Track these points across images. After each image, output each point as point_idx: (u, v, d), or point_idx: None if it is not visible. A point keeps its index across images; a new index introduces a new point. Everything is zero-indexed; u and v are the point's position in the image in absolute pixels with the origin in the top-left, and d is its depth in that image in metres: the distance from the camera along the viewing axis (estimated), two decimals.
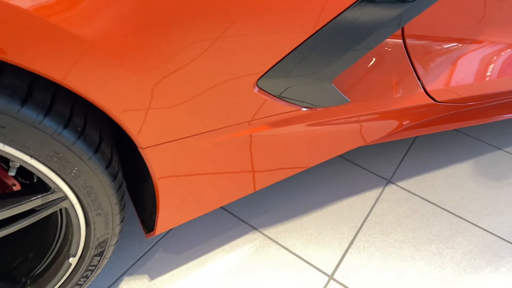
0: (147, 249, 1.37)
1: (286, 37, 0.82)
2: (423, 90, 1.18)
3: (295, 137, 1.15)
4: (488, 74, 1.30)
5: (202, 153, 0.95)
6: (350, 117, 1.22)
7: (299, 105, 0.99)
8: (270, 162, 1.19)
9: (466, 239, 1.48)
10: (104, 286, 1.25)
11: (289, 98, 0.95)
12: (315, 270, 1.35)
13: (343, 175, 1.70)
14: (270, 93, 0.90)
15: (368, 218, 1.54)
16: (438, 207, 1.59)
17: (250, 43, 0.79)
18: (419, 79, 1.17)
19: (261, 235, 1.45)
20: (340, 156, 1.79)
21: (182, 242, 1.41)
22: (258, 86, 0.87)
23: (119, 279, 1.28)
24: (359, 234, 1.48)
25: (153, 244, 1.39)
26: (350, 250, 1.42)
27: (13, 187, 0.89)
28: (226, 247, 1.41)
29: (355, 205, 1.59)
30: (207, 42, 0.74)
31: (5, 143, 0.70)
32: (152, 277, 1.29)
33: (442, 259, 1.41)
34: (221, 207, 1.53)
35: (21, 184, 0.91)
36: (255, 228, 1.47)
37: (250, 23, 0.75)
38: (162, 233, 1.43)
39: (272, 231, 1.46)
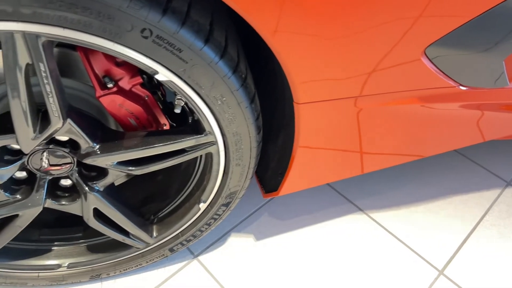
0: (253, 210, 1.39)
1: (467, 4, 0.75)
2: None
3: (433, 117, 1.08)
4: None
5: (346, 119, 0.92)
6: (495, 105, 1.12)
7: (457, 82, 0.92)
8: (398, 142, 1.13)
9: None
10: (214, 238, 1.29)
11: (451, 73, 0.88)
12: (425, 262, 1.28)
13: (457, 171, 1.59)
14: (435, 63, 0.84)
15: (484, 218, 1.43)
16: None
17: (427, 8, 0.74)
18: None
19: (367, 217, 1.41)
20: (455, 150, 1.68)
21: (286, 210, 1.41)
22: (425, 55, 0.82)
23: (227, 234, 1.31)
24: (474, 233, 1.38)
25: (259, 206, 1.41)
26: (463, 248, 1.33)
27: (164, 127, 0.93)
28: (331, 223, 1.38)
29: (469, 203, 1.48)
30: (386, 6, 0.70)
31: (184, 79, 0.72)
32: (258, 238, 1.31)
33: None
34: (327, 184, 1.51)
35: (170, 125, 0.95)
36: (360, 209, 1.43)
37: None
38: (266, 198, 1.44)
39: (378, 215, 1.41)
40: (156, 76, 0.71)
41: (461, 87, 0.93)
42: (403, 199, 1.47)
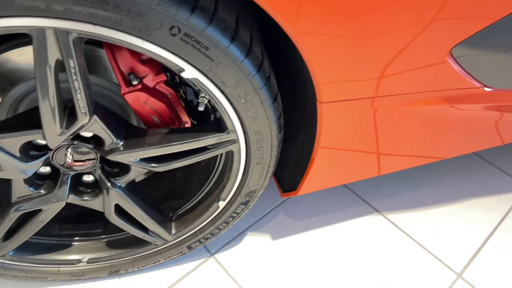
0: (269, 210, 1.39)
1: (497, 3, 0.74)
2: None
3: (454, 118, 1.07)
4: None
5: (368, 119, 0.91)
6: None
7: (482, 83, 0.91)
8: (418, 144, 1.12)
9: None
10: (230, 236, 1.29)
11: (476, 73, 0.87)
12: (442, 265, 1.27)
13: (476, 173, 1.57)
14: (461, 64, 0.83)
15: (503, 222, 1.41)
16: None
17: (454, 8, 0.73)
18: None
19: (383, 218, 1.40)
20: (474, 153, 1.66)
21: (302, 210, 1.40)
22: (451, 54, 0.81)
23: (243, 232, 1.32)
24: (492, 236, 1.36)
25: (275, 206, 1.41)
26: (481, 251, 1.31)
27: (185, 124, 0.93)
28: (347, 223, 1.38)
29: (488, 206, 1.46)
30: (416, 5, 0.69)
31: (209, 76, 0.73)
32: (274, 237, 1.31)
33: None
34: (344, 184, 1.50)
35: (191, 123, 0.95)
36: (377, 211, 1.42)
37: None
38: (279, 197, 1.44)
39: (395, 217, 1.40)
40: (182, 74, 0.71)
41: (486, 88, 0.92)
42: (420, 201, 1.46)
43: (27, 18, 0.59)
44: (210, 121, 0.89)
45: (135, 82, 0.81)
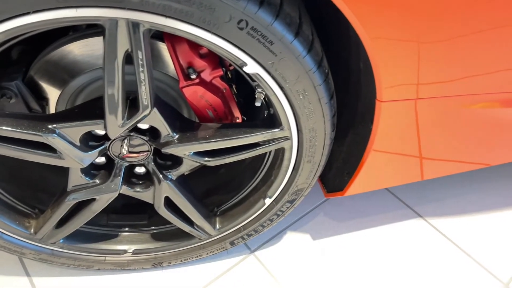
0: (309, 210, 1.38)
1: None
2: None
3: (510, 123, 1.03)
4: None
5: (427, 121, 0.89)
6: None
7: None
8: (468, 147, 1.09)
9: None
10: (270, 235, 1.29)
11: None
12: (488, 274, 1.23)
13: None
14: None
15: None
16: None
17: None
18: None
19: (426, 224, 1.36)
20: None
21: (342, 211, 1.39)
22: None
23: (283, 231, 1.31)
24: None
25: (314, 206, 1.39)
26: None
27: (236, 120, 0.93)
28: (388, 227, 1.35)
29: None
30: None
31: (270, 72, 0.72)
32: (314, 237, 1.30)
33: None
34: (385, 188, 1.47)
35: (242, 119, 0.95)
36: (420, 215, 1.39)
37: None
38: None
39: (439, 222, 1.36)
40: (244, 68, 0.71)
41: None
42: (465, 208, 1.41)
43: (103, 9, 0.60)
44: (261, 117, 0.89)
45: (193, 76, 0.81)
